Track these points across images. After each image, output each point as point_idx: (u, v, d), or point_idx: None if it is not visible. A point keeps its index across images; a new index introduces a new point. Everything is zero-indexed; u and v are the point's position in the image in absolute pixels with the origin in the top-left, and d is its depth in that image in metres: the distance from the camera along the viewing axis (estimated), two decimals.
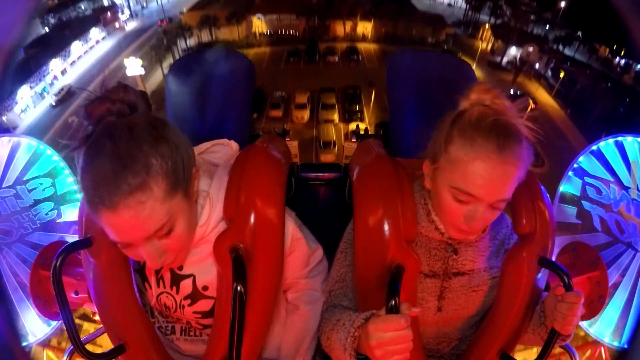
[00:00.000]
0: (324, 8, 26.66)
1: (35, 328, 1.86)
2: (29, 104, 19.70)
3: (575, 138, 18.32)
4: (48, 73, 21.27)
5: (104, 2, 26.73)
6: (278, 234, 1.02)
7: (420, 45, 25.97)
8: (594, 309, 1.35)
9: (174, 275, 1.04)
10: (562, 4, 25.52)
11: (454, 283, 1.09)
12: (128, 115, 0.83)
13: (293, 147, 1.76)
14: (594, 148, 1.99)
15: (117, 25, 26.35)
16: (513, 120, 0.89)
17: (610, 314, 1.93)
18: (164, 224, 0.83)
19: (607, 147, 1.96)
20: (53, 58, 21.85)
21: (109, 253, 0.99)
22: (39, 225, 1.92)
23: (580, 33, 24.15)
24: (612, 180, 1.93)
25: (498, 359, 1.06)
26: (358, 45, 26.42)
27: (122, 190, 0.75)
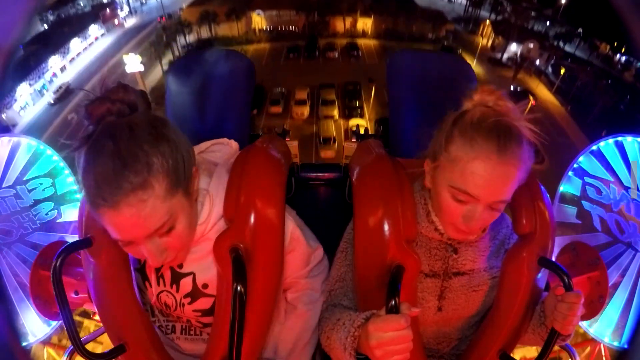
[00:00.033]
0: (324, 4, 26.45)
1: (35, 328, 1.86)
2: (28, 102, 19.55)
3: (576, 135, 18.21)
4: (47, 70, 21.10)
5: None
6: (278, 234, 1.02)
7: (421, 42, 25.72)
8: (594, 309, 1.36)
9: (174, 274, 1.05)
10: (562, 1, 25.39)
11: (454, 283, 1.09)
12: (128, 115, 0.83)
13: (293, 147, 1.75)
14: (594, 148, 1.98)
15: (116, 22, 26.14)
16: (515, 122, 0.89)
17: (610, 314, 1.93)
18: (165, 222, 0.84)
19: (607, 147, 1.96)
20: (52, 55, 21.68)
21: (109, 253, 1.00)
22: (39, 225, 1.91)
23: (581, 30, 24.01)
24: (612, 180, 1.93)
25: (498, 359, 1.06)
26: (358, 41, 26.13)
27: (123, 189, 0.76)
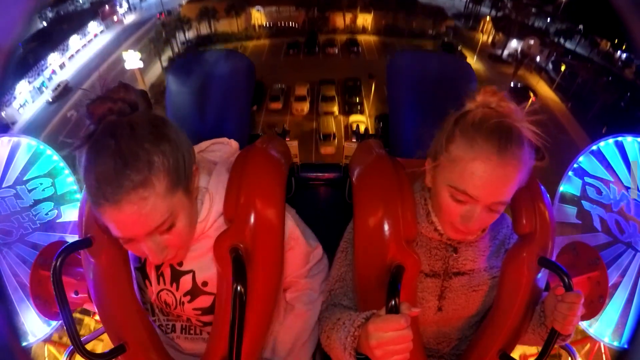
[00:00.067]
0: (324, 0, 26.36)
1: (35, 328, 1.87)
2: (28, 99, 19.42)
3: (576, 132, 18.17)
4: (46, 67, 20.93)
5: None
6: (278, 234, 1.02)
7: (421, 38, 25.51)
8: (594, 309, 1.36)
9: (174, 272, 1.05)
10: None
11: (455, 283, 1.10)
12: (129, 114, 0.84)
13: (293, 147, 1.75)
14: (594, 148, 1.98)
15: (115, 19, 25.93)
16: (517, 123, 0.89)
17: (610, 314, 1.93)
18: (165, 220, 0.85)
19: (607, 147, 1.95)
20: (51, 52, 21.52)
21: (109, 253, 1.00)
22: (39, 225, 1.91)
23: (582, 27, 23.85)
24: (612, 180, 1.92)
25: (498, 359, 1.06)
26: (358, 37, 25.91)
27: (125, 187, 0.78)
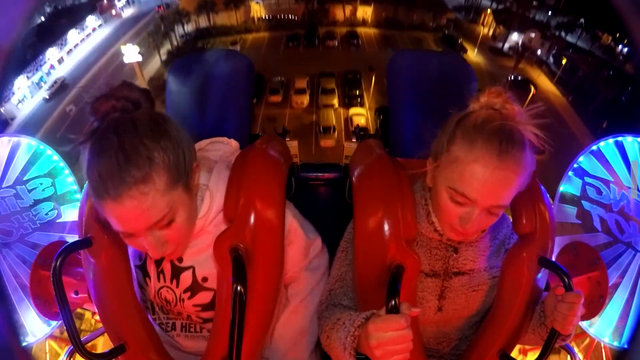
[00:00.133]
0: None
1: (35, 328, 1.86)
2: (26, 94, 19.11)
3: (577, 126, 17.97)
4: (45, 62, 20.69)
5: None
6: (278, 234, 1.02)
7: (421, 30, 25.25)
8: (594, 309, 1.36)
9: (174, 268, 1.06)
10: None
11: (455, 282, 1.09)
12: (132, 112, 0.86)
13: (293, 147, 1.76)
14: (594, 148, 1.98)
15: (113, 13, 25.57)
16: (520, 127, 0.88)
17: (610, 314, 1.92)
18: (165, 215, 0.86)
19: (607, 147, 1.95)
20: (49, 47, 21.21)
21: (109, 253, 1.00)
22: (39, 225, 1.91)
23: (583, 20, 23.58)
24: (612, 180, 1.92)
25: (498, 359, 1.06)
26: (358, 30, 25.56)
27: (126, 183, 0.80)
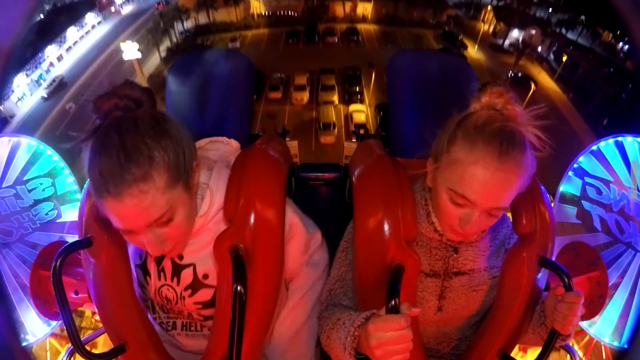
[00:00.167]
0: None
1: (35, 328, 1.86)
2: (26, 92, 18.97)
3: (577, 122, 17.88)
4: (44, 60, 20.56)
5: None
6: (278, 234, 1.03)
7: (421, 27, 25.12)
8: (594, 309, 1.36)
9: (175, 266, 1.06)
10: None
11: (455, 282, 1.09)
12: (134, 110, 0.87)
13: (293, 147, 1.76)
14: (594, 148, 1.97)
15: (112, 10, 25.36)
16: (521, 128, 0.88)
17: (610, 314, 1.92)
18: (164, 213, 0.87)
19: (607, 147, 1.94)
20: (49, 45, 21.03)
21: (109, 253, 1.00)
22: (39, 225, 1.91)
23: (584, 17, 23.45)
24: (612, 180, 1.92)
25: (498, 359, 1.06)
26: (358, 26, 25.34)
27: (126, 181, 0.80)
